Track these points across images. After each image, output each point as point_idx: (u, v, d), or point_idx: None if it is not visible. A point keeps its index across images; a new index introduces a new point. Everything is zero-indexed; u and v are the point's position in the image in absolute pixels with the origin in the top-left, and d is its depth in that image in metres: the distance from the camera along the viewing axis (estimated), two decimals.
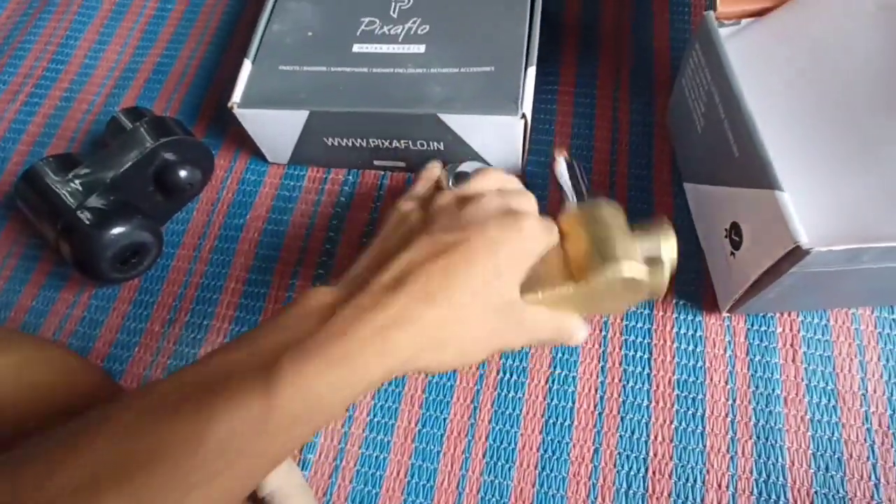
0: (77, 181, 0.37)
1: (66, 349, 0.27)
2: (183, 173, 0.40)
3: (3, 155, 0.47)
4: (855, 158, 0.28)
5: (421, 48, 0.39)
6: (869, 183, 0.27)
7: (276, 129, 0.40)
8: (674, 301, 0.36)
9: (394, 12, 0.41)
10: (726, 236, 0.32)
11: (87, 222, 0.36)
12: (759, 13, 0.34)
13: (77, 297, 0.40)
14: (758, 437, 0.32)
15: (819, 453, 0.32)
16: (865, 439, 0.32)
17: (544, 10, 0.40)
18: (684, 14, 0.47)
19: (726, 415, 0.33)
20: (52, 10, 0.55)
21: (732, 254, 0.32)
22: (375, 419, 0.34)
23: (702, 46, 0.33)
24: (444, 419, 0.34)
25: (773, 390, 0.33)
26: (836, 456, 0.31)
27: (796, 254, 0.25)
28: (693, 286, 0.37)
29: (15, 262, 0.42)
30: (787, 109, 0.30)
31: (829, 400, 0.33)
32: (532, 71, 0.37)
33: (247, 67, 0.40)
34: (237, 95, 0.39)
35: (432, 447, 0.33)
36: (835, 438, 0.32)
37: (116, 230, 0.36)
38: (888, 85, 0.30)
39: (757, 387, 0.33)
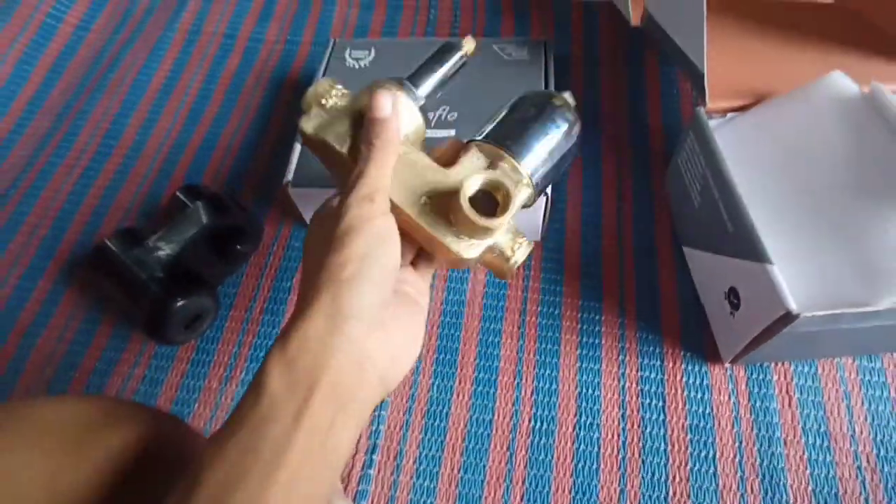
0: (146, 253, 0.42)
1: (168, 414, 0.30)
2: (239, 245, 0.44)
3: (62, 225, 0.51)
4: (831, 234, 0.34)
5: (451, 132, 0.45)
6: (844, 256, 0.33)
7: None
8: (682, 353, 0.41)
9: None
10: (726, 298, 0.37)
11: (158, 291, 0.40)
12: (743, 108, 0.40)
13: (138, 358, 0.44)
14: (763, 476, 0.36)
15: (818, 490, 0.36)
16: (857, 476, 0.36)
17: None
18: (674, 97, 0.54)
19: (734, 456, 0.37)
20: (103, 88, 0.60)
21: (732, 313, 0.37)
22: (421, 467, 0.38)
23: (696, 136, 0.39)
24: (484, 465, 0.38)
25: (774, 433, 0.38)
26: (832, 492, 0.36)
27: (787, 318, 0.30)
28: (697, 339, 0.41)
29: (77, 326, 0.46)
30: (770, 190, 0.36)
31: (823, 441, 0.37)
32: None
33: (297, 149, 0.45)
34: (290, 174, 0.44)
35: (474, 492, 0.37)
36: (831, 476, 0.36)
37: (184, 298, 0.40)
38: (851, 171, 0.36)
39: (759, 430, 0.38)
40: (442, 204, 0.25)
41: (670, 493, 0.36)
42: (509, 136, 0.27)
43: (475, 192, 0.25)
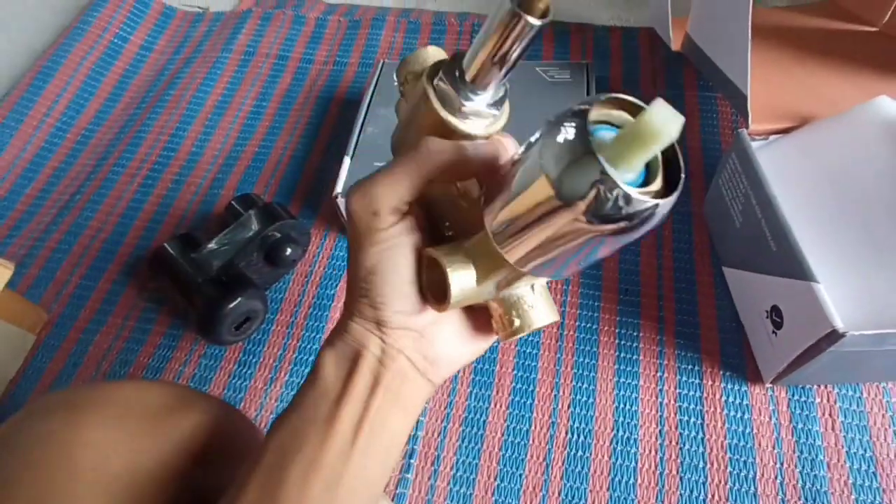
0: (203, 257, 0.44)
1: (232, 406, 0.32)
2: (288, 250, 0.46)
3: (123, 229, 0.55)
4: (877, 255, 0.34)
5: None
6: (890, 277, 0.33)
7: None
8: (721, 372, 0.41)
9: None
10: (767, 317, 0.37)
11: (211, 293, 0.43)
12: (785, 131, 0.40)
13: (188, 356, 0.46)
14: (806, 499, 0.36)
15: None
16: None
17: None
18: (713, 120, 0.55)
19: (775, 477, 0.37)
20: (163, 105, 0.64)
21: (774, 332, 0.37)
22: (458, 473, 0.39)
23: (738, 156, 0.40)
24: (521, 475, 0.38)
25: (817, 456, 0.37)
26: None
27: (833, 336, 0.30)
28: (737, 358, 0.41)
29: (133, 324, 0.48)
30: (813, 211, 0.36)
31: (868, 466, 0.37)
32: None
33: (346, 163, 0.47)
34: (339, 187, 0.46)
35: (510, 501, 0.37)
36: (877, 503, 0.35)
37: (236, 300, 0.42)
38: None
39: (801, 452, 0.37)
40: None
41: None
42: None
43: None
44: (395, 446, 0.22)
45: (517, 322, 0.23)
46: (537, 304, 0.23)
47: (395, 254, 0.21)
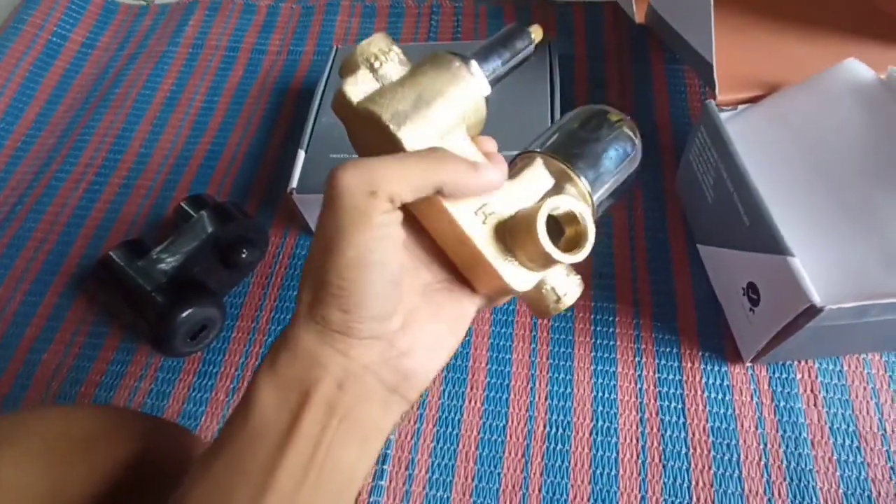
0: (151, 265, 0.41)
1: (174, 424, 0.29)
2: (244, 252, 0.44)
3: (68, 239, 0.51)
4: (853, 224, 0.32)
5: None
6: (867, 246, 0.31)
7: None
8: (700, 353, 0.40)
9: None
10: (744, 294, 0.36)
11: (162, 303, 0.40)
12: (754, 100, 0.39)
13: (144, 370, 0.43)
14: (791, 479, 0.35)
15: (849, 492, 0.34)
16: (890, 477, 0.34)
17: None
18: (681, 93, 0.53)
19: (760, 459, 0.36)
20: (108, 104, 0.60)
21: (751, 310, 0.35)
22: (434, 476, 0.37)
23: (707, 129, 0.38)
24: (499, 474, 0.37)
25: (800, 434, 0.36)
26: (865, 494, 0.34)
27: (811, 311, 0.29)
28: (715, 338, 0.40)
29: (83, 340, 0.45)
30: (786, 182, 0.35)
31: (852, 441, 0.36)
32: None
33: (301, 157, 0.45)
34: (294, 182, 0.43)
35: (489, 501, 0.36)
36: (862, 478, 0.35)
37: (190, 309, 0.40)
38: (870, 158, 0.35)
39: (785, 431, 0.36)
40: (499, 223, 0.21)
41: (694, 498, 0.35)
42: (582, 157, 0.24)
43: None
44: (351, 483, 0.18)
45: (566, 295, 0.23)
46: (571, 273, 0.24)
47: (385, 245, 0.18)
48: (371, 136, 0.21)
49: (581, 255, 0.21)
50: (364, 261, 0.17)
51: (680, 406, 0.38)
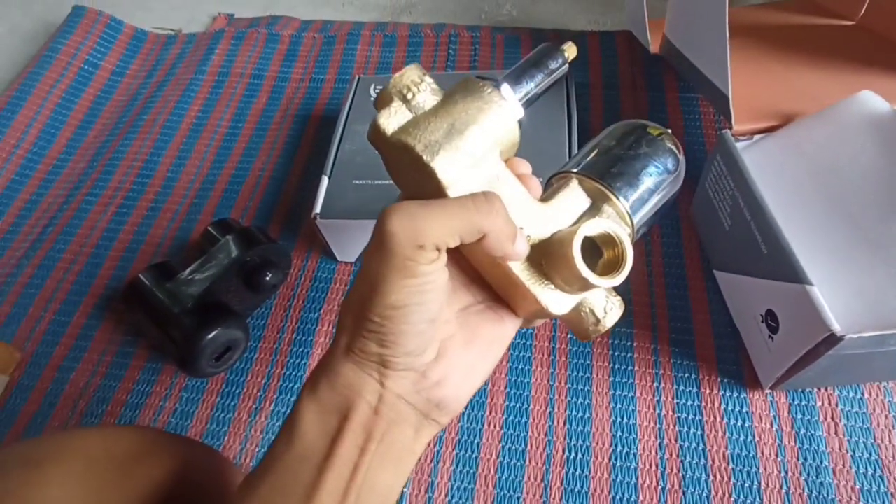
0: (178, 287, 0.42)
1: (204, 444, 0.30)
2: (268, 275, 0.45)
3: (97, 261, 0.53)
4: (870, 253, 0.33)
5: None
6: (885, 275, 0.32)
7: (351, 235, 0.45)
8: (718, 379, 0.40)
9: None
10: (762, 321, 0.36)
11: (189, 324, 0.41)
12: (768, 130, 0.40)
13: (168, 390, 0.44)
14: None
15: None
16: None
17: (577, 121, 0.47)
18: (696, 121, 0.54)
19: (780, 487, 0.36)
20: (136, 130, 0.62)
21: (770, 337, 0.36)
22: (454, 500, 0.37)
23: (723, 158, 0.39)
24: (518, 498, 0.37)
25: (822, 462, 0.36)
26: None
27: (831, 340, 0.29)
28: (734, 364, 0.40)
29: (110, 360, 0.46)
30: (802, 211, 0.36)
31: (875, 470, 0.35)
32: None
33: (325, 182, 0.46)
34: (318, 207, 0.44)
35: None
36: None
37: (216, 330, 0.41)
38: (885, 188, 0.35)
39: (805, 459, 0.36)
40: (535, 246, 0.22)
41: None
42: (620, 176, 0.23)
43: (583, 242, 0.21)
44: (385, 502, 0.20)
45: (606, 317, 0.23)
46: (611, 295, 0.24)
47: (426, 290, 0.18)
48: (406, 165, 0.22)
49: (619, 278, 0.21)
50: (406, 303, 0.18)
51: (699, 432, 0.38)
